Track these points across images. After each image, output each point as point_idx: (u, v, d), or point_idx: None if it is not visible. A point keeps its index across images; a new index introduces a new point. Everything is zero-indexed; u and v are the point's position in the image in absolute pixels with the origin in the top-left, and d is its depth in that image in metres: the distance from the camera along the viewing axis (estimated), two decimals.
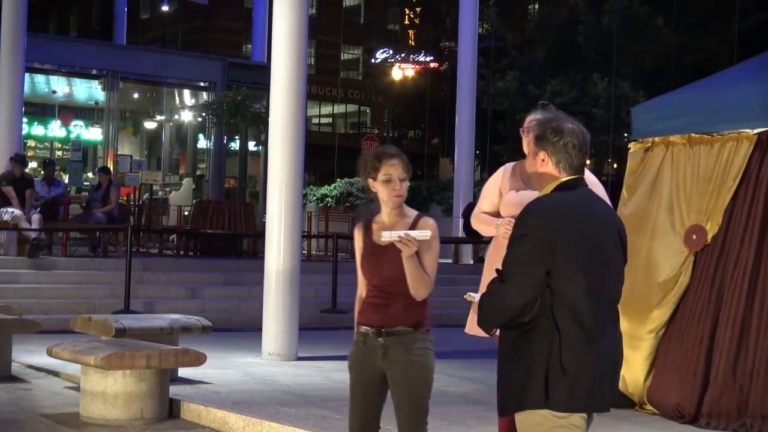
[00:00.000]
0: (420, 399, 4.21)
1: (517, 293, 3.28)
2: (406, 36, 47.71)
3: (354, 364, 4.31)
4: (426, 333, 4.23)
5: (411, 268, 4.08)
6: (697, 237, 6.87)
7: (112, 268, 13.43)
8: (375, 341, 4.20)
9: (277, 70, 9.73)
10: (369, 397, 4.27)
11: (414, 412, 4.21)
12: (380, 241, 4.12)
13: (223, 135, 23.24)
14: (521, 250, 3.32)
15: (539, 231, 3.29)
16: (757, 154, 6.74)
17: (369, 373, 4.25)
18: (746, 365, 6.54)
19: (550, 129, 3.47)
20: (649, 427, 6.65)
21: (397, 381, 4.19)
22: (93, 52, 23.01)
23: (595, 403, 3.36)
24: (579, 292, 3.29)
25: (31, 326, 8.70)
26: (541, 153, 3.48)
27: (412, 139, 44.20)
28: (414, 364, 4.17)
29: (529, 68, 29.33)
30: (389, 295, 4.18)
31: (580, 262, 3.30)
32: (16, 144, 14.72)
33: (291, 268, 9.65)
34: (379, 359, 4.20)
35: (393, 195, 4.18)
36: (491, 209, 5.39)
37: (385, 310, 4.18)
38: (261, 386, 8.05)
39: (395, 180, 4.17)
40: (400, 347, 4.16)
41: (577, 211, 3.39)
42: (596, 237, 3.40)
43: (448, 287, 15.96)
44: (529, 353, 3.29)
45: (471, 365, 9.25)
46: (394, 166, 4.18)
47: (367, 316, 4.24)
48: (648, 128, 7.43)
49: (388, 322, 4.17)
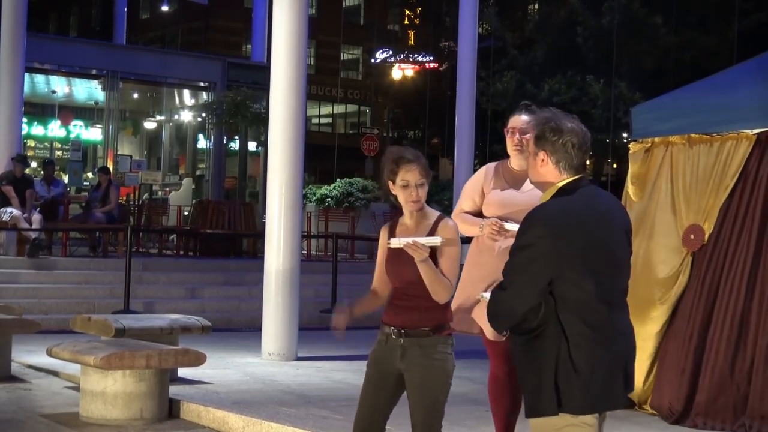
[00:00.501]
0: (436, 402, 4.23)
1: (517, 301, 3.29)
2: (405, 36, 47.73)
3: (373, 361, 4.34)
4: (447, 337, 4.26)
5: (426, 272, 4.13)
6: (695, 237, 6.88)
7: (111, 268, 13.43)
8: (396, 342, 4.24)
9: (277, 70, 9.73)
10: (380, 395, 4.29)
11: (428, 416, 4.22)
12: (390, 246, 4.17)
13: (222, 135, 23.22)
14: (523, 259, 3.31)
15: (543, 241, 3.27)
16: (756, 153, 6.74)
17: (385, 371, 4.27)
18: (744, 365, 6.54)
19: (549, 128, 3.44)
20: (648, 427, 6.65)
21: (414, 383, 4.22)
22: (93, 52, 22.99)
23: (609, 401, 3.36)
24: (587, 297, 3.28)
25: (30, 326, 8.70)
26: (540, 153, 3.45)
27: (412, 139, 44.18)
28: (433, 368, 4.20)
29: (529, 68, 29.33)
30: (411, 297, 4.23)
31: (588, 265, 3.29)
32: (16, 144, 14.71)
33: (291, 268, 9.65)
34: (398, 360, 4.23)
35: (410, 200, 4.23)
36: (473, 209, 5.39)
37: (407, 311, 4.23)
38: (261, 386, 8.05)
39: (412, 186, 4.22)
40: (419, 349, 4.20)
41: (581, 214, 3.36)
42: (604, 236, 3.39)
43: None
44: (539, 358, 3.29)
45: (471, 365, 9.24)
46: (411, 172, 4.21)
47: (391, 317, 4.29)
48: (648, 128, 7.43)
49: (408, 324, 4.22)
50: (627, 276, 3.50)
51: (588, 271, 3.29)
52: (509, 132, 5.34)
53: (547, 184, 3.46)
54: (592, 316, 3.29)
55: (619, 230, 3.47)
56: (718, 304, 6.71)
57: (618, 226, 3.47)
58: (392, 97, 44.66)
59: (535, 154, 3.48)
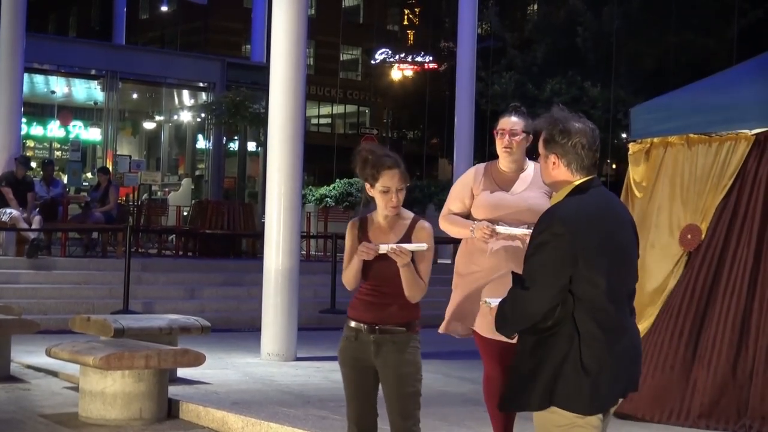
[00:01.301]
0: (414, 394, 4.27)
1: (540, 300, 3.27)
2: (405, 36, 47.72)
3: (346, 358, 4.36)
4: (416, 333, 4.32)
5: (406, 275, 4.18)
6: (692, 236, 6.88)
7: (111, 268, 13.43)
8: (367, 338, 4.26)
9: (276, 70, 9.73)
10: (363, 389, 4.33)
11: (406, 409, 4.25)
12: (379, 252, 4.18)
13: (222, 135, 23.23)
14: (543, 258, 3.29)
15: (561, 239, 3.27)
16: (755, 154, 6.74)
17: (361, 368, 4.31)
18: (746, 365, 6.53)
19: (557, 131, 3.42)
20: (648, 427, 6.65)
21: (389, 378, 4.25)
22: (92, 52, 23.00)
23: (612, 401, 3.37)
24: (600, 295, 3.29)
25: (30, 326, 8.70)
26: (551, 156, 3.44)
27: (411, 140, 44.19)
28: (406, 362, 4.24)
29: (529, 68, 29.34)
30: (384, 294, 4.26)
31: (602, 264, 3.30)
32: (15, 144, 14.72)
33: (290, 268, 9.65)
34: (372, 356, 4.26)
35: (389, 206, 4.27)
36: (461, 210, 5.37)
37: (380, 308, 4.26)
38: (260, 386, 8.05)
39: (393, 192, 4.24)
40: (393, 345, 4.24)
41: (596, 213, 3.37)
42: (618, 235, 3.41)
43: (446, 288, 15.97)
44: (551, 356, 3.29)
45: (469, 366, 9.24)
46: (393, 178, 4.24)
47: (361, 313, 4.31)
48: (647, 129, 7.43)
49: (382, 320, 4.25)
50: (635, 278, 3.51)
51: (602, 270, 3.29)
52: (499, 133, 5.33)
53: (560, 183, 3.45)
54: (604, 317, 3.29)
55: (631, 231, 3.48)
56: (719, 305, 6.70)
57: (629, 227, 3.49)
58: (391, 97, 44.64)
59: (545, 157, 3.47)
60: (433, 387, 8.06)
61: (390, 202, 4.25)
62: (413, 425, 4.26)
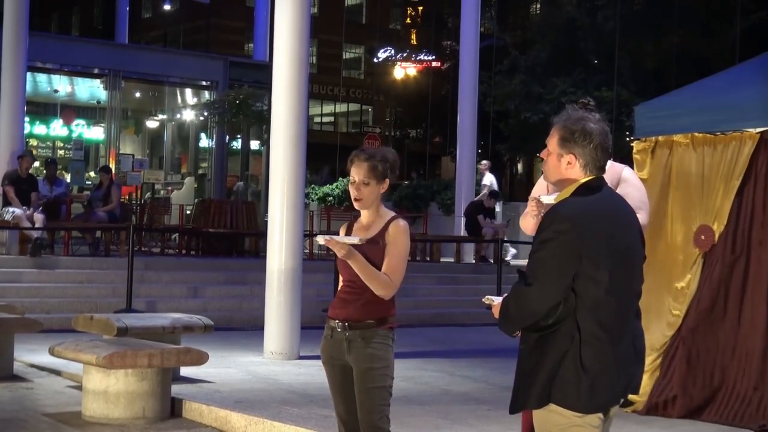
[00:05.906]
0: (379, 389, 4.23)
1: (543, 297, 3.25)
2: (407, 35, 47.73)
3: (325, 357, 4.40)
4: (388, 330, 4.30)
5: (357, 267, 4.18)
6: (705, 237, 6.87)
7: (114, 267, 13.43)
8: (341, 335, 4.29)
9: (279, 69, 9.73)
10: (343, 387, 4.33)
11: (371, 402, 4.22)
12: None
13: (225, 134, 23.19)
14: (547, 254, 3.27)
15: (566, 236, 3.24)
16: (761, 152, 6.73)
17: (338, 365, 4.33)
18: None
19: (579, 132, 3.38)
20: (650, 426, 6.64)
21: (357, 374, 4.26)
22: (95, 51, 22.98)
23: (611, 401, 3.36)
24: (602, 294, 3.26)
25: (33, 325, 8.71)
26: (567, 156, 3.39)
27: (414, 138, 44.18)
28: (372, 357, 4.23)
29: (532, 69, 29.32)
30: (357, 290, 4.27)
31: (607, 263, 3.27)
32: (18, 143, 14.73)
33: (293, 267, 9.65)
34: (345, 353, 4.28)
35: (352, 197, 4.32)
36: None
37: (351, 304, 4.28)
38: (263, 385, 8.05)
39: (357, 183, 4.28)
40: (362, 341, 4.25)
41: (601, 212, 3.35)
42: (623, 235, 3.38)
43: (450, 286, 15.95)
44: (551, 353, 3.27)
45: (472, 364, 9.25)
46: (358, 168, 4.28)
47: (336, 310, 4.34)
48: (651, 127, 7.42)
49: (352, 317, 4.27)
50: (641, 279, 3.49)
51: (606, 269, 3.27)
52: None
53: (568, 181, 3.43)
54: (606, 316, 3.27)
55: (636, 232, 3.46)
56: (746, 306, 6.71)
57: (635, 228, 3.47)
58: (394, 96, 44.63)
59: (560, 155, 3.41)
60: (436, 385, 8.07)
61: (353, 193, 4.29)
62: (379, 419, 4.23)
